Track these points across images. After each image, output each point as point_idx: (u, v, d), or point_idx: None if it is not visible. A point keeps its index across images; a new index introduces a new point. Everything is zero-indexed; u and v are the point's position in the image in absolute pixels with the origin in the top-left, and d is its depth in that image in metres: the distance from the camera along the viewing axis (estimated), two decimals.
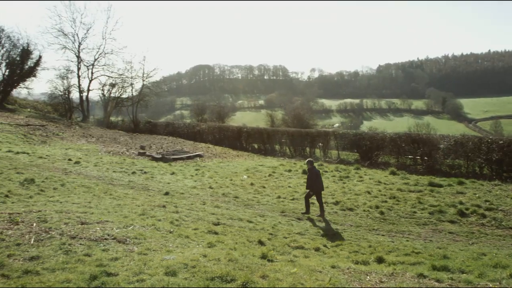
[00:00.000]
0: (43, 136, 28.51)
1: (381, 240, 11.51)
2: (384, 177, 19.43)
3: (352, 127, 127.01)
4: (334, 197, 16.08)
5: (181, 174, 20.19)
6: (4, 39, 43.29)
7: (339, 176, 20.06)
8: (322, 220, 13.64)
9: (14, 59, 43.11)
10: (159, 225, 9.94)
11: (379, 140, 25.28)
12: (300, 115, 60.24)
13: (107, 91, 49.67)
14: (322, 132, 31.47)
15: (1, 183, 13.65)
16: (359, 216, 13.99)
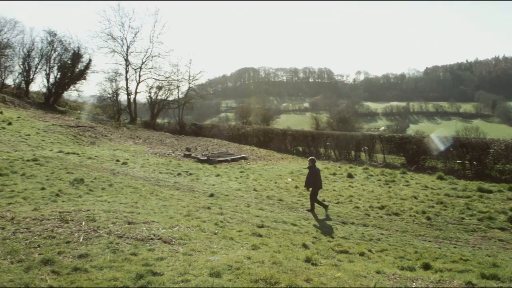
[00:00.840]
0: (92, 137, 29.45)
1: (428, 246, 11.19)
2: (431, 182, 18.95)
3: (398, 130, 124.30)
4: (380, 202, 15.81)
5: (226, 176, 20.34)
6: (56, 43, 45.21)
7: (384, 180, 19.72)
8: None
9: (65, 62, 44.85)
10: (204, 226, 10.05)
11: (426, 144, 24.65)
12: (345, 118, 59.58)
13: (154, 94, 50.80)
14: (368, 136, 31.09)
15: (52, 182, 14.20)
16: (405, 221, 13.68)
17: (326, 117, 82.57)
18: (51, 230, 8.17)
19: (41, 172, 15.67)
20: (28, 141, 22.98)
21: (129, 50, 49.89)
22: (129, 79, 50.10)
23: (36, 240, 7.52)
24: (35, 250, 6.95)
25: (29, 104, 39.47)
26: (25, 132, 25.00)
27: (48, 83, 45.00)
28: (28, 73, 44.93)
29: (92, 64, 46.97)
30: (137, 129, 40.75)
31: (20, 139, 22.78)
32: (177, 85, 51.38)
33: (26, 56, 44.59)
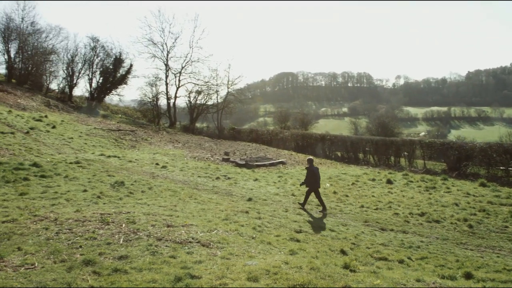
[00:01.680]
0: (133, 141, 30.09)
1: (470, 255, 10.85)
2: (473, 189, 18.44)
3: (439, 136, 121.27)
4: (420, 208, 15.50)
5: (264, 180, 20.36)
6: (99, 49, 46.60)
7: (425, 186, 19.31)
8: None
9: (107, 67, 46.14)
10: (242, 230, 10.07)
11: (468, 150, 24.01)
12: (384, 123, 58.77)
13: (193, 98, 51.47)
14: (408, 141, 30.55)
15: (94, 184, 14.59)
16: (446, 229, 13.33)
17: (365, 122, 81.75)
18: (92, 231, 8.39)
19: (83, 174, 16.13)
20: (71, 144, 23.70)
21: (169, 55, 50.81)
22: (169, 83, 51.02)
23: (78, 240, 7.74)
24: (77, 251, 7.15)
25: (72, 108, 40.74)
26: (68, 135, 25.79)
27: (91, 88, 46.48)
28: (72, 78, 46.44)
29: (133, 69, 48.31)
30: (177, 133, 41.35)
31: (64, 142, 23.52)
32: (216, 89, 52.02)
33: (70, 61, 46.13)
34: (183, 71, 50.96)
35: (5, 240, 7.58)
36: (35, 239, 7.70)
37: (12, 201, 11.31)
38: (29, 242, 7.50)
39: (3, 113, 26.07)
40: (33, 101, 35.48)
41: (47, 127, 26.30)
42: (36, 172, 15.21)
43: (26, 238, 7.77)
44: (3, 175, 14.01)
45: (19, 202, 11.28)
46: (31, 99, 36.15)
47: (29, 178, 14.39)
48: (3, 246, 7.20)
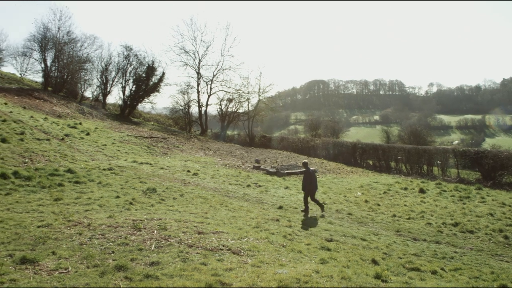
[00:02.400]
0: (165, 148, 30.46)
1: (505, 267, 10.54)
2: (509, 199, 18.11)
3: (473, 144, 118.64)
4: (453, 218, 15.29)
5: (294, 188, 20.29)
6: (132, 57, 47.50)
7: (458, 196, 18.98)
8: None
9: (140, 75, 46.93)
10: (273, 238, 10.05)
11: (503, 159, 23.50)
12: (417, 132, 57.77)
13: (224, 106, 51.86)
14: (441, 149, 30.22)
15: (126, 191, 14.82)
16: (480, 240, 13.03)
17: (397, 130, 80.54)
18: (124, 237, 8.51)
19: (116, 181, 16.41)
20: (105, 150, 24.16)
21: (201, 63, 51.49)
22: (200, 91, 51.65)
23: (110, 246, 7.86)
24: (109, 256, 7.26)
25: (105, 116, 41.57)
26: (101, 142, 26.32)
27: (124, 96, 47.33)
28: (105, 85, 47.50)
29: (165, 77, 48.99)
30: (208, 140, 41.67)
31: (97, 149, 24.00)
32: (247, 97, 52.35)
33: (104, 69, 47.22)
34: (214, 79, 51.59)
35: (40, 244, 7.76)
36: (69, 244, 7.87)
37: (47, 206, 11.61)
38: (63, 247, 7.66)
39: (39, 120, 26.82)
40: (68, 109, 36.39)
41: (82, 134, 26.90)
42: (70, 178, 15.57)
43: (60, 242, 7.94)
44: (39, 181, 14.40)
45: (54, 207, 11.56)
46: (66, 106, 37.09)
47: (63, 184, 14.74)
48: (38, 250, 7.38)
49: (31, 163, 16.84)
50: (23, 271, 6.31)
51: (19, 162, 16.66)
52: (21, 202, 12.00)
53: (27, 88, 38.88)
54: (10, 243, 7.73)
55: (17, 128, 21.53)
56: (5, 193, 12.83)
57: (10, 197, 12.54)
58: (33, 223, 9.34)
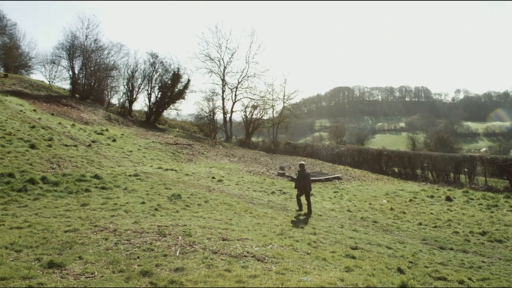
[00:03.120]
0: (190, 155, 30.68)
1: None
2: None
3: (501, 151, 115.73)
4: (481, 227, 15.05)
5: (319, 196, 20.19)
6: (158, 65, 48.07)
7: (486, 204, 18.66)
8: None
9: (166, 82, 47.48)
10: (297, 245, 10.00)
11: None
12: (443, 139, 57.13)
13: (249, 113, 52.01)
14: (468, 157, 29.73)
15: (151, 197, 14.97)
16: (509, 249, 12.77)
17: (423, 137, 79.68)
18: (150, 242, 8.59)
19: (141, 187, 16.60)
20: (130, 157, 24.47)
21: (225, 70, 51.91)
22: (225, 98, 52.04)
23: (136, 251, 7.93)
24: (134, 261, 7.33)
25: (131, 122, 42.12)
26: (127, 148, 26.67)
27: (150, 102, 47.92)
28: (132, 92, 48.12)
29: (190, 84, 49.41)
30: (233, 147, 41.80)
31: (123, 155, 24.32)
32: (272, 104, 52.42)
33: (130, 77, 47.87)
34: (239, 86, 51.90)
35: (67, 249, 7.89)
36: (95, 249, 7.97)
37: (74, 212, 11.81)
38: (90, 252, 7.77)
39: (67, 126, 27.34)
40: (95, 115, 37.00)
41: (108, 140, 27.31)
42: (97, 184, 15.82)
43: (86, 247, 8.05)
44: (66, 186, 14.66)
45: (80, 212, 11.75)
46: (93, 113, 37.71)
47: (90, 190, 14.98)
48: (65, 254, 7.50)
49: (59, 169, 17.16)
50: (51, 275, 6.41)
51: (47, 167, 17.00)
52: (49, 207, 12.24)
53: (55, 95, 39.70)
54: (38, 247, 7.88)
55: (46, 134, 21.99)
56: (33, 198, 13.11)
57: (38, 202, 12.81)
58: (60, 227, 9.50)
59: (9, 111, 25.57)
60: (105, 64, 46.78)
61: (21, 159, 16.97)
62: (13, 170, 15.34)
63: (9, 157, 16.82)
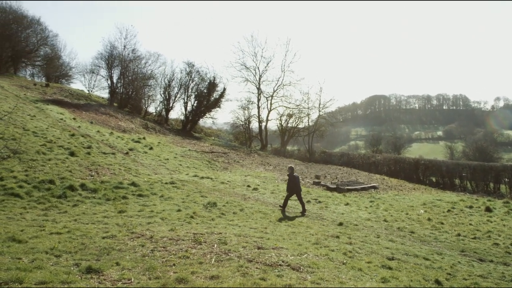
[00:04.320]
0: (225, 163, 30.85)
1: None
2: None
3: None
4: None
5: (355, 205, 19.98)
6: (194, 74, 48.83)
7: None
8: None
9: (202, 91, 48.14)
10: (332, 255, 9.88)
11: None
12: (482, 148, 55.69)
13: (284, 121, 52.05)
14: (509, 167, 28.86)
15: (187, 205, 15.13)
16: None
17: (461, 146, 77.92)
18: (185, 250, 8.66)
19: (177, 194, 16.80)
20: (167, 165, 24.79)
21: (261, 79, 52.20)
22: (260, 107, 52.27)
23: (171, 259, 8.01)
24: (170, 269, 7.40)
25: (168, 130, 42.75)
26: (164, 156, 27.04)
27: (186, 111, 48.61)
28: (168, 101, 48.98)
29: (226, 93, 50.03)
30: (268, 155, 41.83)
31: (160, 163, 24.67)
32: (307, 113, 52.36)
33: (167, 85, 48.78)
34: (274, 95, 52.02)
35: (105, 255, 8.04)
36: (132, 255, 8.10)
37: (112, 218, 12.04)
38: (127, 258, 7.90)
39: (106, 134, 27.98)
40: (132, 124, 37.74)
41: (145, 148, 27.78)
42: (134, 191, 16.13)
43: (123, 254, 8.19)
44: (104, 193, 15.00)
45: (118, 219, 11.98)
46: (131, 121, 38.49)
47: (127, 197, 15.28)
48: (103, 260, 7.64)
49: (97, 176, 17.56)
50: (89, 280, 6.54)
51: (86, 175, 17.42)
52: (87, 214, 12.54)
53: (94, 104, 40.71)
54: (77, 253, 8.07)
55: (85, 142, 22.56)
56: (72, 205, 13.47)
57: (77, 208, 13.14)
58: (98, 234, 9.71)
59: (50, 120, 26.38)
60: (143, 73, 47.88)
61: (61, 166, 17.46)
62: (53, 177, 15.81)
63: (50, 164, 17.34)
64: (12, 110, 22.94)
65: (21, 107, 26.88)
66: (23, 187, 14.28)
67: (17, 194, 13.60)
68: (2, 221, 10.61)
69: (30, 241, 8.55)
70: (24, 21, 50.17)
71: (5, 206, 12.53)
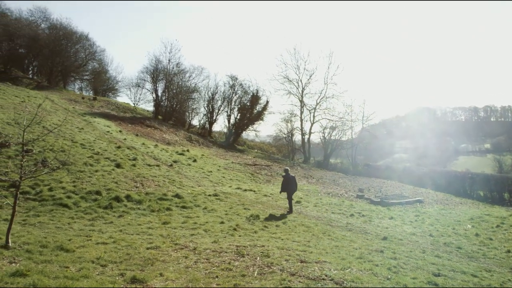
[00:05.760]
0: (268, 176, 30.86)
1: None
2: None
3: None
4: None
5: (399, 219, 19.56)
6: (237, 87, 49.46)
7: None
8: None
9: (245, 104, 48.62)
10: (376, 270, 9.67)
11: None
12: None
13: (327, 134, 51.66)
14: None
15: (230, 217, 15.20)
16: None
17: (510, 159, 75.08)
18: (228, 262, 8.69)
19: (220, 207, 16.92)
20: (210, 177, 25.04)
21: (304, 91, 52.07)
22: (303, 119, 52.12)
23: (214, 271, 8.06)
24: (213, 280, 7.44)
25: (211, 143, 43.24)
26: (207, 168, 27.34)
27: (229, 124, 49.16)
28: (212, 114, 49.68)
29: (269, 106, 50.23)
30: (311, 168, 41.60)
31: (203, 175, 24.95)
32: (351, 125, 51.73)
33: (211, 99, 49.57)
34: (317, 107, 51.74)
35: (149, 265, 8.17)
36: (175, 267, 8.20)
37: (156, 229, 12.25)
38: (170, 269, 8.00)
39: (150, 147, 28.58)
40: (176, 136, 38.42)
41: (189, 160, 28.18)
42: (178, 203, 16.36)
43: (167, 265, 8.30)
44: (149, 205, 15.29)
45: (162, 230, 12.17)
46: (175, 134, 39.19)
47: (171, 208, 15.51)
48: (147, 271, 7.77)
49: (142, 188, 17.93)
50: None
51: (131, 186, 17.82)
52: (132, 224, 12.79)
53: (140, 117, 41.75)
54: (122, 263, 8.23)
55: (130, 154, 23.12)
56: (118, 215, 13.79)
57: (122, 219, 13.44)
58: (143, 244, 9.88)
59: (97, 132, 27.20)
60: (187, 86, 48.83)
61: (107, 178, 17.94)
62: (100, 188, 16.26)
63: (97, 175, 17.84)
64: (61, 123, 23.79)
65: (70, 120, 27.87)
66: (71, 197, 14.76)
67: (66, 204, 14.07)
68: (51, 230, 10.98)
69: (77, 250, 8.80)
70: (73, 37, 52.40)
71: (54, 215, 12.98)
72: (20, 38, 47.63)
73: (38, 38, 48.59)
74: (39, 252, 8.29)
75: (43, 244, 8.80)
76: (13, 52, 49.47)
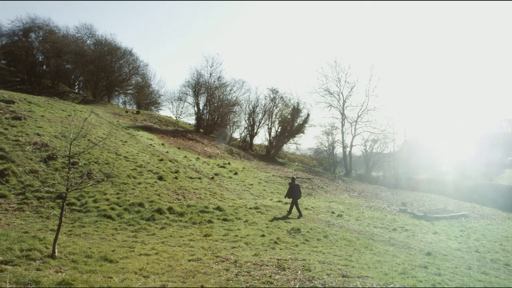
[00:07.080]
0: (309, 189, 30.68)
1: None
2: None
3: None
4: None
5: (444, 234, 19.00)
6: (278, 100, 49.62)
7: None
8: None
9: (285, 117, 48.69)
10: (420, 286, 9.42)
11: None
12: None
13: (369, 147, 51.01)
14: None
15: (271, 230, 15.15)
16: None
17: None
18: (269, 275, 8.65)
19: (261, 220, 16.90)
20: (251, 190, 25.10)
21: (345, 104, 51.69)
22: (344, 132, 51.70)
23: (255, 284, 8.03)
24: None
25: (252, 156, 43.39)
26: (248, 181, 27.42)
27: (270, 137, 49.29)
28: (253, 127, 50.01)
29: (309, 118, 50.13)
30: (352, 182, 41.10)
31: (244, 188, 25.03)
32: (393, 138, 50.81)
33: (251, 112, 49.94)
34: (359, 120, 51.22)
35: (190, 277, 8.23)
36: (216, 279, 8.22)
37: (197, 242, 12.34)
38: (211, 281, 8.03)
39: (192, 159, 28.94)
40: (217, 149, 38.77)
41: (230, 173, 28.36)
42: (219, 216, 16.46)
43: (208, 277, 8.34)
44: (191, 217, 15.44)
45: (203, 242, 12.25)
46: (216, 147, 39.57)
47: (212, 221, 15.61)
48: (188, 283, 7.83)
49: (184, 200, 18.14)
50: None
51: (173, 198, 18.06)
52: (174, 236, 12.94)
53: (182, 130, 42.41)
54: (164, 274, 8.33)
55: (172, 167, 23.47)
56: (160, 227, 13.98)
57: (164, 231, 13.61)
58: (184, 256, 9.97)
59: (140, 145, 27.76)
60: (228, 100, 49.39)
61: (150, 190, 18.26)
62: (143, 200, 16.56)
63: (140, 188, 18.19)
64: (106, 136, 24.44)
65: (114, 133, 28.58)
66: (115, 209, 15.09)
67: (109, 216, 14.39)
68: (96, 241, 11.24)
69: (121, 261, 8.97)
70: (117, 52, 53.94)
71: (98, 226, 13.28)
72: (67, 54, 49.63)
73: (84, 54, 50.52)
74: (84, 262, 8.49)
75: (88, 255, 9.02)
76: (60, 67, 51.58)
